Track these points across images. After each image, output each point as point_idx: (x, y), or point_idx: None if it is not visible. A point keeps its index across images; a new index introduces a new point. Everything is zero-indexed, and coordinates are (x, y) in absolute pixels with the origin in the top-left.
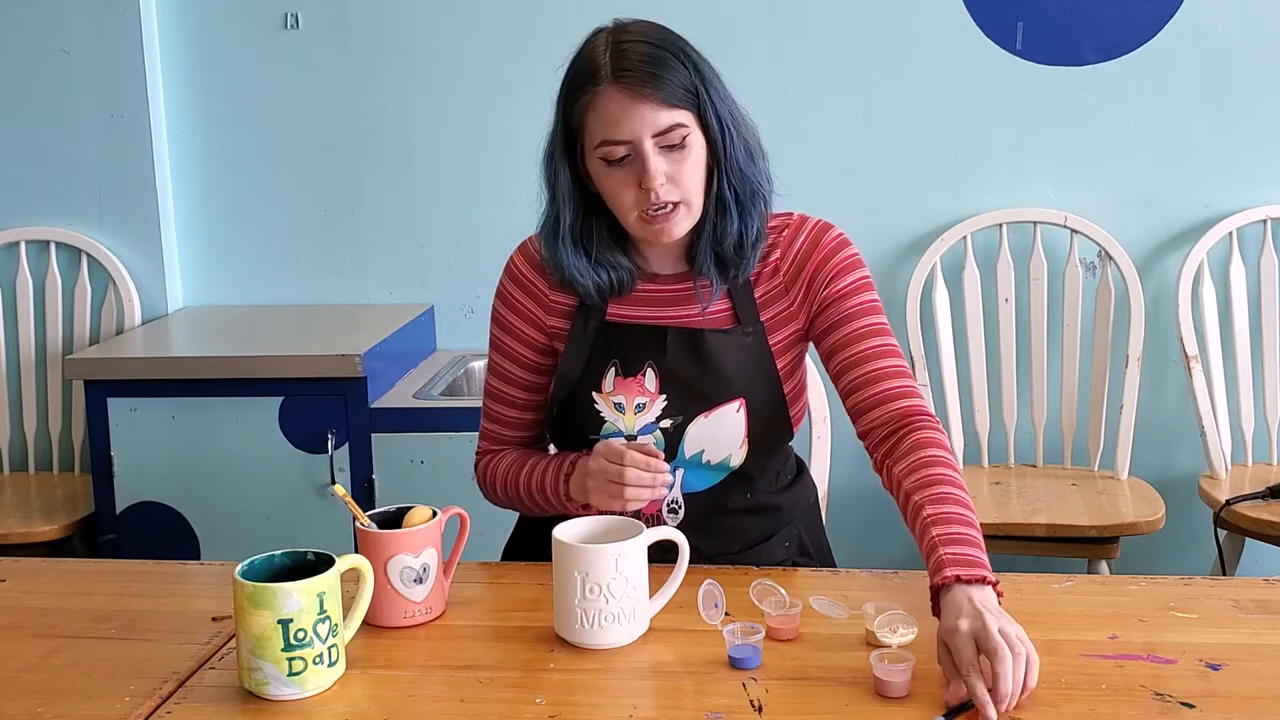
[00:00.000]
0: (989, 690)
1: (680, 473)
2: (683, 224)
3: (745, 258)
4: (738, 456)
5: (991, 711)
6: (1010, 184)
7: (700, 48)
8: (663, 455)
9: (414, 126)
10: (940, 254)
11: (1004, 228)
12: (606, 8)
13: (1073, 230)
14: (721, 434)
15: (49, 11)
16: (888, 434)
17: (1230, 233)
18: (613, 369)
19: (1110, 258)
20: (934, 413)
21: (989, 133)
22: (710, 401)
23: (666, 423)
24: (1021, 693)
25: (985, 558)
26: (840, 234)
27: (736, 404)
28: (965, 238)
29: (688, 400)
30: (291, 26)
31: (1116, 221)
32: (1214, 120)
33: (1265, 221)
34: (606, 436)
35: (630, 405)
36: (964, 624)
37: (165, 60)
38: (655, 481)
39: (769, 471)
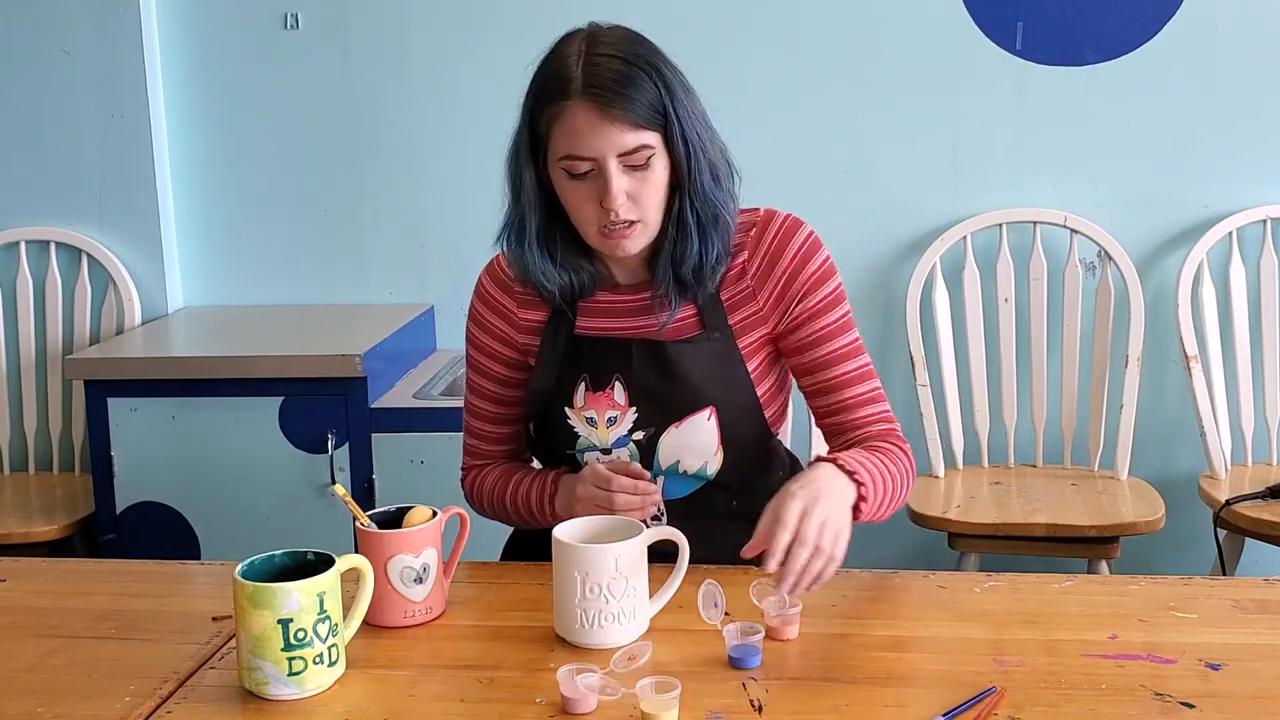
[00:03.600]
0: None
1: (660, 480)
2: (639, 240)
3: (703, 280)
4: (714, 464)
5: (774, 564)
6: (1010, 184)
7: (698, 49)
8: (649, 475)
9: (414, 126)
10: (940, 254)
11: (1004, 228)
12: (606, 9)
13: (1073, 230)
14: (694, 443)
15: (49, 11)
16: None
17: (1230, 233)
18: (582, 384)
19: (1110, 258)
20: (904, 436)
21: (989, 133)
22: (680, 412)
23: (639, 435)
24: (810, 585)
25: (872, 477)
26: (810, 235)
27: (706, 412)
28: (965, 238)
29: (657, 411)
30: (291, 26)
31: (1116, 221)
32: (1214, 120)
33: (1265, 221)
34: (582, 451)
35: (602, 419)
36: (799, 493)
37: (165, 60)
38: (644, 503)
39: (750, 475)
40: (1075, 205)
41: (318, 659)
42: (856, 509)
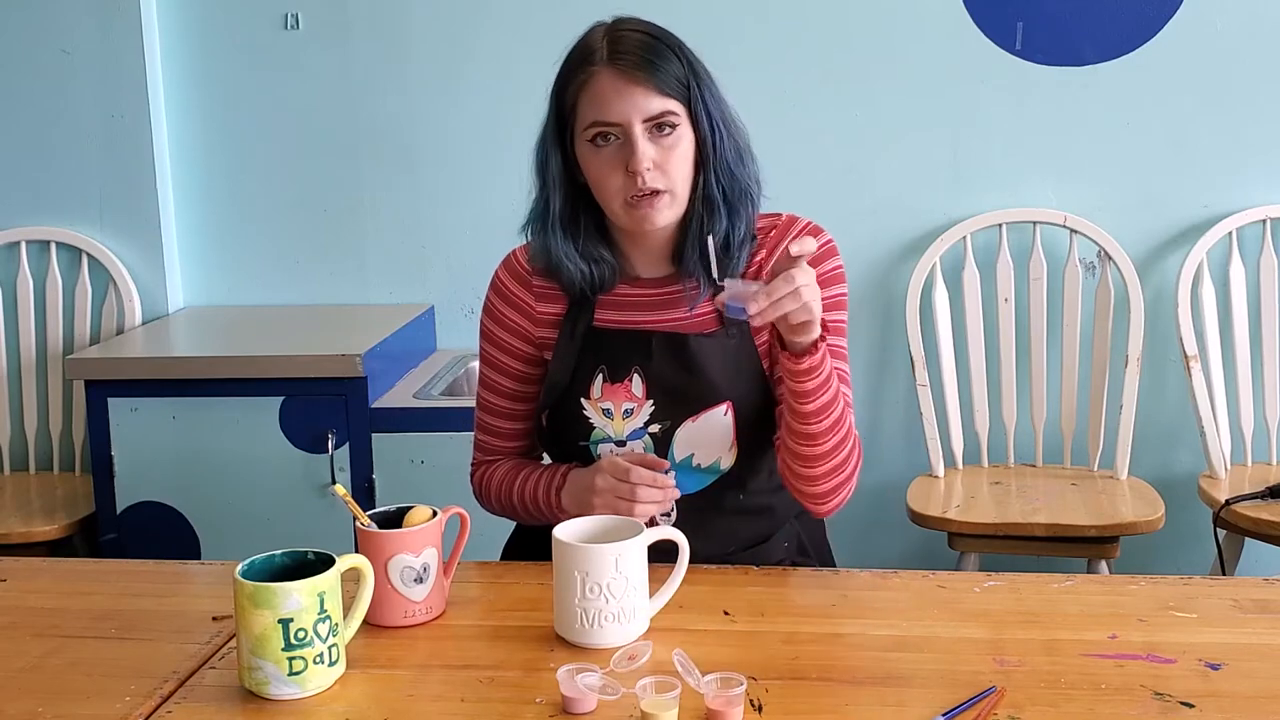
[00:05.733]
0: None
1: (672, 474)
2: (666, 213)
3: (733, 258)
4: (727, 459)
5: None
6: (1010, 184)
7: (699, 47)
8: (667, 464)
9: (414, 126)
10: (940, 254)
11: (1004, 228)
12: (606, 8)
13: (1072, 230)
14: (710, 437)
15: (49, 11)
16: None
17: (1230, 233)
18: (600, 375)
19: (1110, 258)
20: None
21: (989, 133)
22: (697, 406)
23: (655, 427)
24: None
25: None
26: (828, 241)
27: (724, 407)
28: (965, 238)
29: (675, 405)
30: (291, 27)
31: (1116, 221)
32: (1214, 120)
33: (1265, 221)
34: (596, 442)
35: (618, 411)
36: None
37: (165, 60)
38: (665, 496)
39: (760, 472)
40: (1075, 205)
41: (318, 659)
42: (814, 345)
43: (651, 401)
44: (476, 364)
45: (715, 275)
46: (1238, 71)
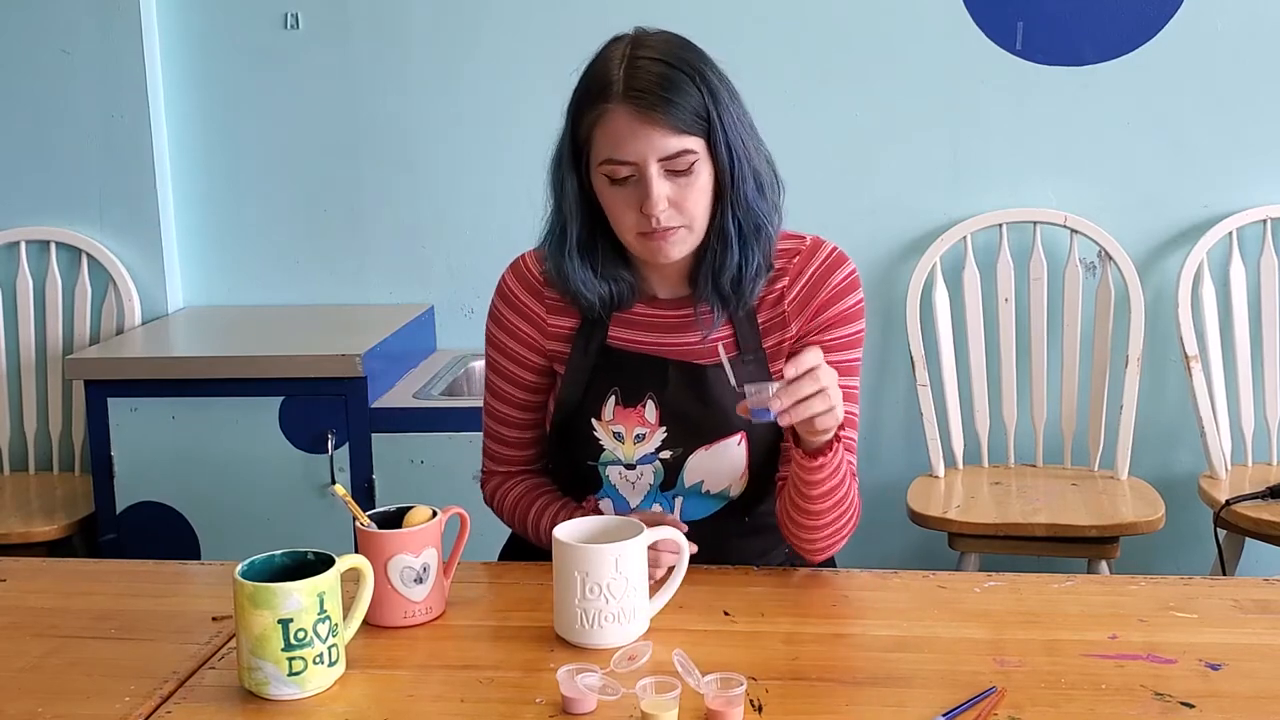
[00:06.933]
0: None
1: (679, 501)
2: (681, 246)
3: (742, 293)
4: (737, 487)
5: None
6: (1010, 184)
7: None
8: (685, 527)
9: (414, 127)
10: (940, 254)
11: (1004, 228)
12: (606, 10)
13: (1073, 230)
14: (722, 466)
15: (49, 11)
16: None
17: (1230, 233)
18: (613, 397)
19: (1110, 258)
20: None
21: (989, 133)
22: (711, 435)
23: (666, 454)
24: (797, 412)
25: (842, 462)
26: (852, 272)
27: (738, 437)
28: (965, 238)
29: (688, 434)
30: (291, 26)
31: (1116, 221)
32: (1214, 120)
33: (1265, 221)
34: (605, 464)
35: (630, 435)
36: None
37: (165, 60)
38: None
39: (768, 497)
40: (1075, 205)
41: (318, 659)
42: (830, 444)
43: (664, 428)
44: (476, 364)
45: (734, 384)
46: (1238, 71)
